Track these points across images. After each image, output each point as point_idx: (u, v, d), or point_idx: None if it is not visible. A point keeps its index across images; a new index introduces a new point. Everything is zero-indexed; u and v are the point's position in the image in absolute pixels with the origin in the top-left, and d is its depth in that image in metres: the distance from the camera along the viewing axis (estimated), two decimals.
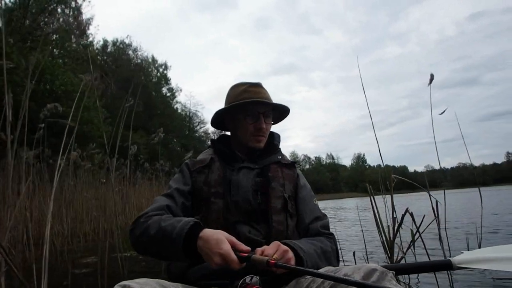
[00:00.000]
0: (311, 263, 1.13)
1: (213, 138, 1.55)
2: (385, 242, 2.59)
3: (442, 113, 2.78)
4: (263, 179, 1.34)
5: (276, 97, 1.49)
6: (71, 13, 20.69)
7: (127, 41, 35.38)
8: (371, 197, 2.73)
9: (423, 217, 2.43)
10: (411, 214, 2.49)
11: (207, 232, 1.04)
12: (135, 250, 1.24)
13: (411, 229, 2.55)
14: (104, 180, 7.64)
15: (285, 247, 1.07)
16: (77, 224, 6.47)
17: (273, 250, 1.04)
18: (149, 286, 0.91)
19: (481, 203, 2.93)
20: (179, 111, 41.43)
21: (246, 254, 1.00)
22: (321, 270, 1.05)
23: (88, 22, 23.23)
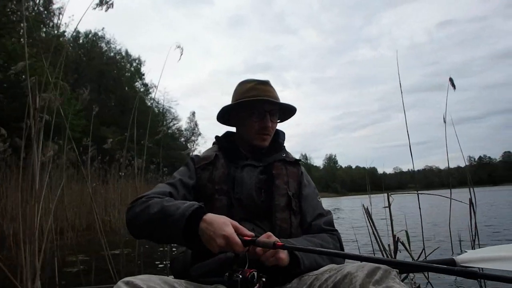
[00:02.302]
0: (309, 261, 1.13)
1: (217, 135, 1.53)
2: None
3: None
4: (267, 176, 1.34)
5: None
6: (41, 1, 19.96)
7: (100, 33, 34.48)
8: (368, 218, 2.73)
9: (423, 247, 2.53)
10: (403, 244, 2.56)
11: (211, 216, 1.04)
12: (129, 229, 1.22)
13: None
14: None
15: (276, 239, 1.05)
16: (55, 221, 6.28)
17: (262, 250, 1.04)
18: (152, 282, 0.90)
19: (475, 203, 3.01)
20: (153, 107, 40.64)
21: (250, 238, 1.01)
22: (326, 268, 1.06)
23: (60, 11, 22.47)
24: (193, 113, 54.30)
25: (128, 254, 4.27)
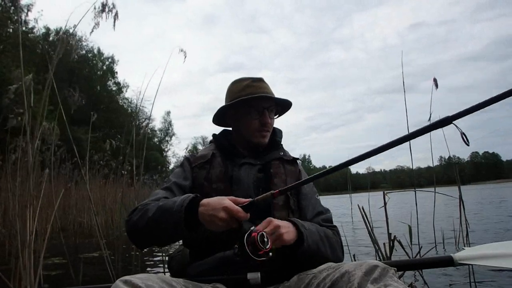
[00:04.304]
0: (312, 241, 1.14)
1: (215, 133, 1.52)
2: (381, 260, 2.66)
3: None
4: (265, 175, 1.34)
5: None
6: None
7: (71, 30, 33.50)
8: (364, 216, 2.77)
9: (420, 248, 2.56)
10: (400, 242, 2.59)
11: (207, 199, 1.08)
12: (132, 239, 1.22)
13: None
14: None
15: (277, 223, 1.08)
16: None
17: (263, 226, 1.05)
18: (150, 281, 0.89)
19: (462, 202, 3.07)
20: (125, 107, 39.83)
21: (248, 202, 1.03)
22: (324, 266, 1.06)
23: (28, 7, 21.75)
24: (168, 113, 53.69)
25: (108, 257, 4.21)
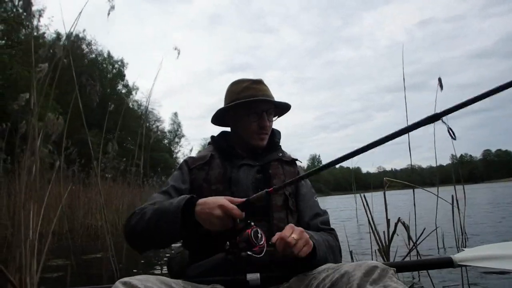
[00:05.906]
0: (322, 253, 1.14)
1: (213, 135, 1.52)
2: (381, 249, 2.65)
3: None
4: (263, 176, 1.34)
5: None
6: (20, 3, 19.57)
7: (81, 34, 33.87)
8: (365, 204, 2.77)
9: (423, 229, 2.53)
10: (403, 223, 2.57)
11: (203, 199, 1.09)
12: (130, 244, 1.23)
13: (409, 236, 2.66)
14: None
15: (300, 228, 1.08)
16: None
17: (289, 232, 1.05)
18: (150, 282, 0.90)
19: (458, 203, 3.02)
20: (135, 108, 40.07)
21: (243, 201, 1.04)
22: (323, 267, 1.06)
23: (40, 13, 22.06)
24: (175, 114, 53.84)
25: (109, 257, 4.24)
